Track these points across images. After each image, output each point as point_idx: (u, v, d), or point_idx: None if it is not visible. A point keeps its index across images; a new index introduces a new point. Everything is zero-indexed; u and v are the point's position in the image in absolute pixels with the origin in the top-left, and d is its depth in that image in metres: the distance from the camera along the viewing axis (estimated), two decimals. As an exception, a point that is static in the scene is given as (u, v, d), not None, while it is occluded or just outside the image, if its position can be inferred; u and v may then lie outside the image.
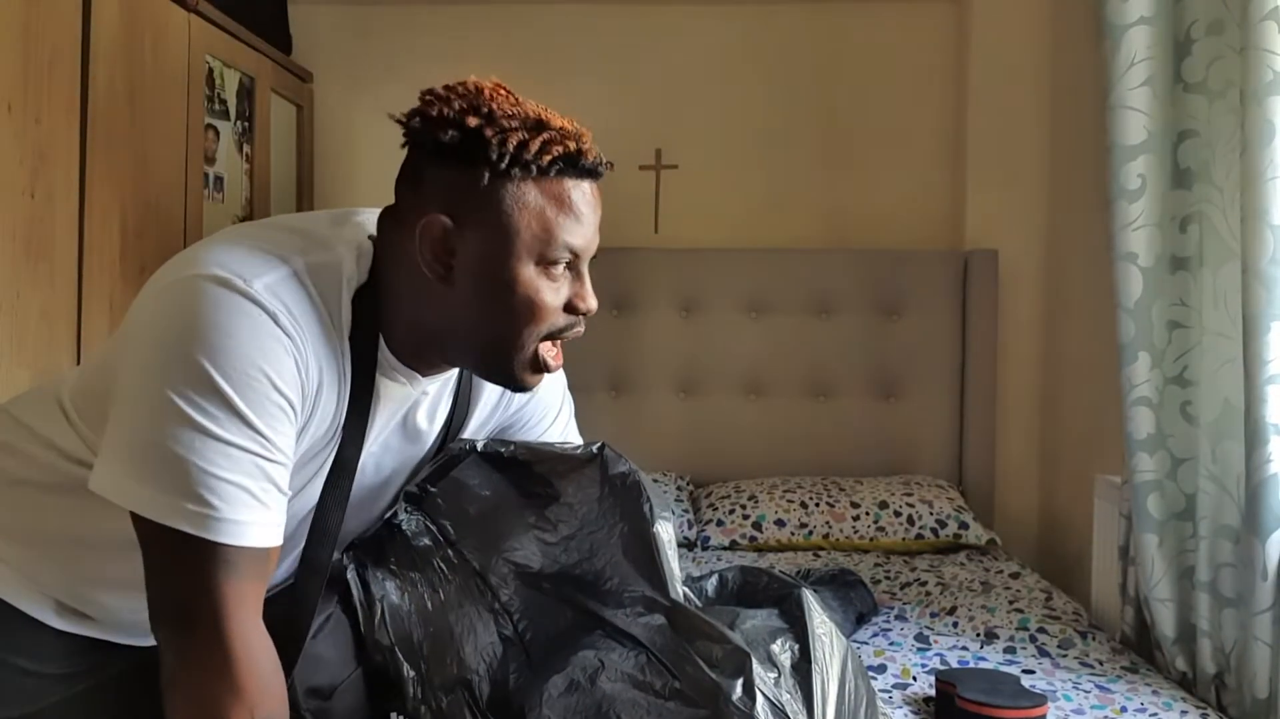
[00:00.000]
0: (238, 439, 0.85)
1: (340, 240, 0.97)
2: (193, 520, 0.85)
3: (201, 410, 0.84)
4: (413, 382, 1.03)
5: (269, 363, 0.86)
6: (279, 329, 0.87)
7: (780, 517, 2.59)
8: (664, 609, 1.04)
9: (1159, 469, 1.85)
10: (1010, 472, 2.88)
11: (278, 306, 0.87)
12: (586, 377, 2.93)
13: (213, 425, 0.84)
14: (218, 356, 0.84)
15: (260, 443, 0.86)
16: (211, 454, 0.84)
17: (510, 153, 0.93)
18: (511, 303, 0.96)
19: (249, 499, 0.86)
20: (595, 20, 3.05)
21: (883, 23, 3.01)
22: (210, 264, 0.88)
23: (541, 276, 0.96)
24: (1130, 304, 1.85)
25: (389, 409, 1.04)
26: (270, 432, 0.87)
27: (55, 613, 1.04)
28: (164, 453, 0.84)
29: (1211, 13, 1.76)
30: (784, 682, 1.00)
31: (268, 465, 0.87)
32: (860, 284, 2.89)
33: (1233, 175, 1.73)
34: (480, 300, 0.96)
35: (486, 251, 0.95)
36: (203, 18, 2.37)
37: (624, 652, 1.00)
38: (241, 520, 0.86)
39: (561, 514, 1.13)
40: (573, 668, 0.99)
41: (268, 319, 0.86)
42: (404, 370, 1.01)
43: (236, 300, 0.85)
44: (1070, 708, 1.62)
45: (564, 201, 0.96)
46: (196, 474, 0.84)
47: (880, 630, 1.96)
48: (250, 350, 0.85)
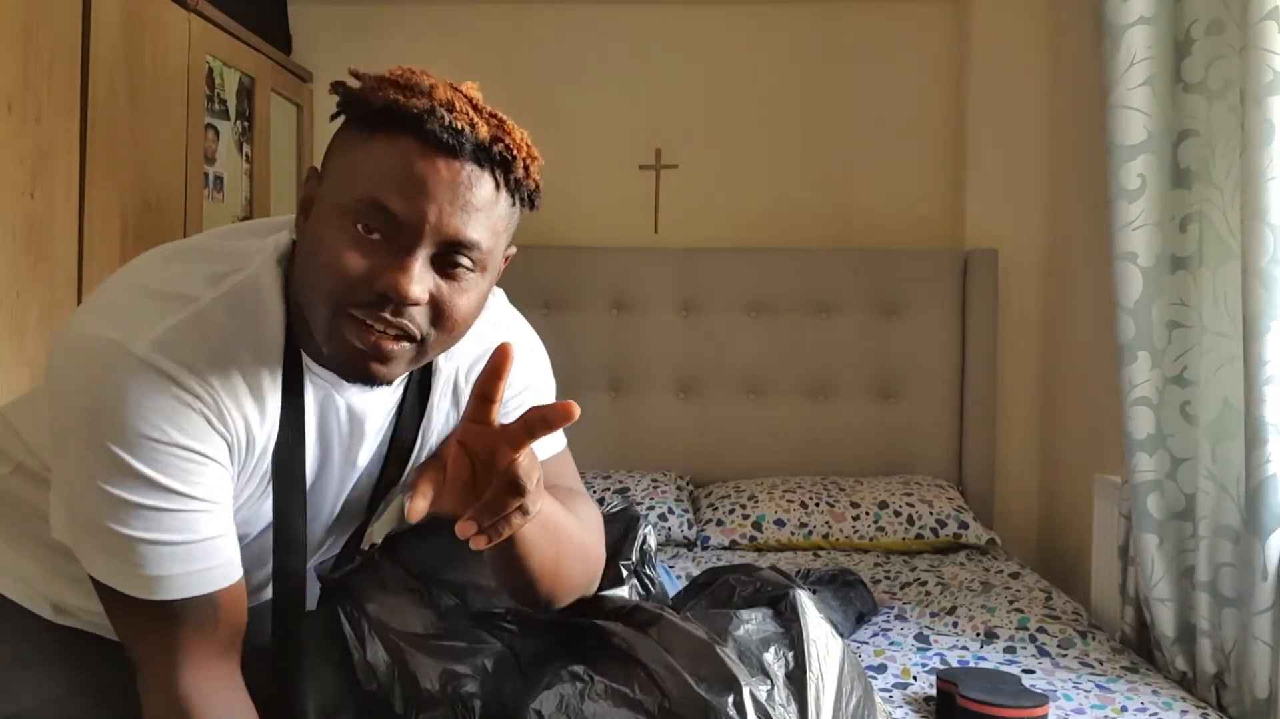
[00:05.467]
0: (155, 502, 0.85)
1: (261, 251, 0.92)
2: (122, 580, 0.87)
3: (118, 485, 0.84)
4: (340, 388, 0.96)
5: (173, 425, 0.84)
6: (177, 387, 0.84)
7: (780, 516, 2.59)
8: (653, 623, 1.03)
9: (1159, 469, 1.85)
10: (1010, 471, 2.89)
11: (170, 366, 0.84)
12: (586, 377, 2.93)
13: (130, 495, 0.84)
14: (121, 436, 0.83)
15: (179, 500, 0.86)
16: (131, 520, 0.85)
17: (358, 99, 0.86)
18: (314, 258, 0.86)
19: (172, 552, 0.86)
20: (595, 20, 3.05)
21: (883, 23, 3.01)
22: (108, 324, 0.85)
23: (346, 236, 0.84)
24: (1130, 304, 1.85)
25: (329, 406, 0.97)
26: (188, 487, 0.86)
27: (52, 611, 1.05)
28: (91, 523, 0.86)
29: (1211, 13, 1.76)
30: (777, 694, 0.99)
31: (192, 517, 0.87)
32: (860, 284, 2.90)
33: (1232, 175, 1.73)
34: (302, 255, 0.89)
35: (318, 200, 0.88)
36: (203, 18, 2.37)
37: (613, 668, 0.99)
38: (169, 574, 0.86)
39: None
40: (562, 684, 0.98)
41: (166, 381, 0.84)
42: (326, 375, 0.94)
43: (131, 370, 0.83)
44: (1070, 707, 1.62)
45: (395, 162, 0.83)
46: (119, 539, 0.85)
47: (880, 630, 1.96)
48: (153, 419, 0.83)
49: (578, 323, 2.92)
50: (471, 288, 0.88)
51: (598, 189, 3.03)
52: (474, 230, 0.85)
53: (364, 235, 0.84)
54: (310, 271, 0.87)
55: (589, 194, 3.03)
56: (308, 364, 0.94)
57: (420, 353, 0.89)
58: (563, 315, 2.91)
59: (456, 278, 0.87)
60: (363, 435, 1.00)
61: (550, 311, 2.91)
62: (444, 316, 0.87)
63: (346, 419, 0.98)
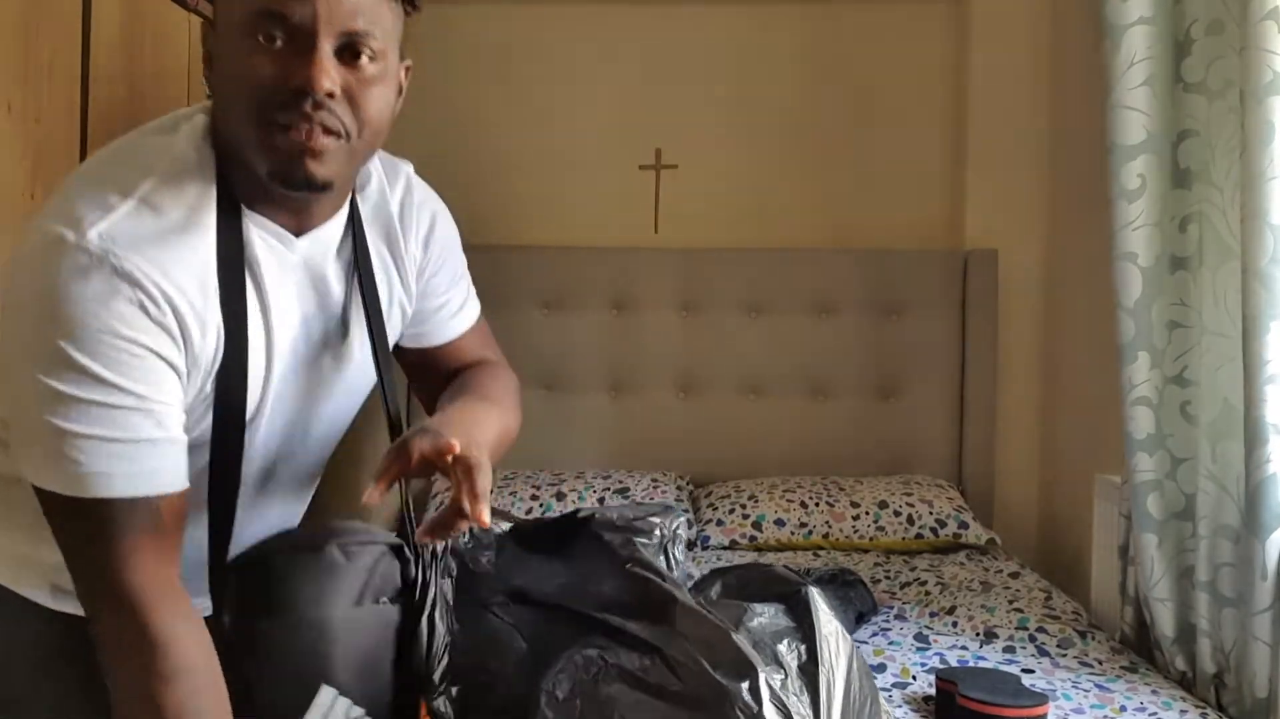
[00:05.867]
0: (95, 396, 0.87)
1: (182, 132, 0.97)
2: (62, 481, 0.88)
3: (60, 379, 0.86)
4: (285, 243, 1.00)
5: (114, 315, 0.87)
6: (117, 278, 0.88)
7: (780, 516, 2.59)
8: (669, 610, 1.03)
9: (1159, 469, 1.85)
10: (1010, 471, 2.88)
11: (113, 258, 0.88)
12: (586, 377, 2.93)
13: (70, 389, 0.87)
14: (63, 327, 0.86)
15: (119, 395, 0.88)
16: (71, 414, 0.87)
17: None
18: (230, 86, 0.93)
19: (110, 449, 0.88)
20: (595, 20, 3.05)
21: (883, 23, 3.01)
22: (55, 221, 0.89)
23: (251, 51, 0.90)
24: (1130, 304, 1.85)
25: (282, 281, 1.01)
26: (129, 382, 0.88)
27: (50, 594, 1.06)
28: (34, 424, 0.88)
29: (1211, 13, 1.76)
30: (790, 684, 0.99)
31: (132, 415, 0.89)
32: (860, 284, 2.90)
33: (1232, 175, 1.73)
34: (219, 97, 0.96)
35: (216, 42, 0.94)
36: (203, 18, 2.37)
37: (628, 653, 1.00)
38: (107, 472, 0.88)
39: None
40: (576, 669, 0.99)
41: (109, 273, 0.87)
42: (272, 229, 0.99)
43: (73, 260, 0.87)
44: (1070, 707, 1.62)
45: None
46: (59, 435, 0.87)
47: (880, 630, 1.96)
48: (94, 309, 0.87)
49: (578, 323, 2.92)
50: (376, 81, 0.94)
51: (598, 189, 3.03)
52: (363, 20, 0.92)
53: (267, 45, 0.90)
54: (230, 101, 0.93)
55: (589, 194, 3.03)
56: (259, 223, 0.98)
57: (349, 153, 0.95)
58: (563, 315, 2.91)
59: (360, 69, 0.93)
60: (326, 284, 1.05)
61: (550, 311, 2.91)
62: (359, 108, 0.93)
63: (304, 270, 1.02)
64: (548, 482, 2.74)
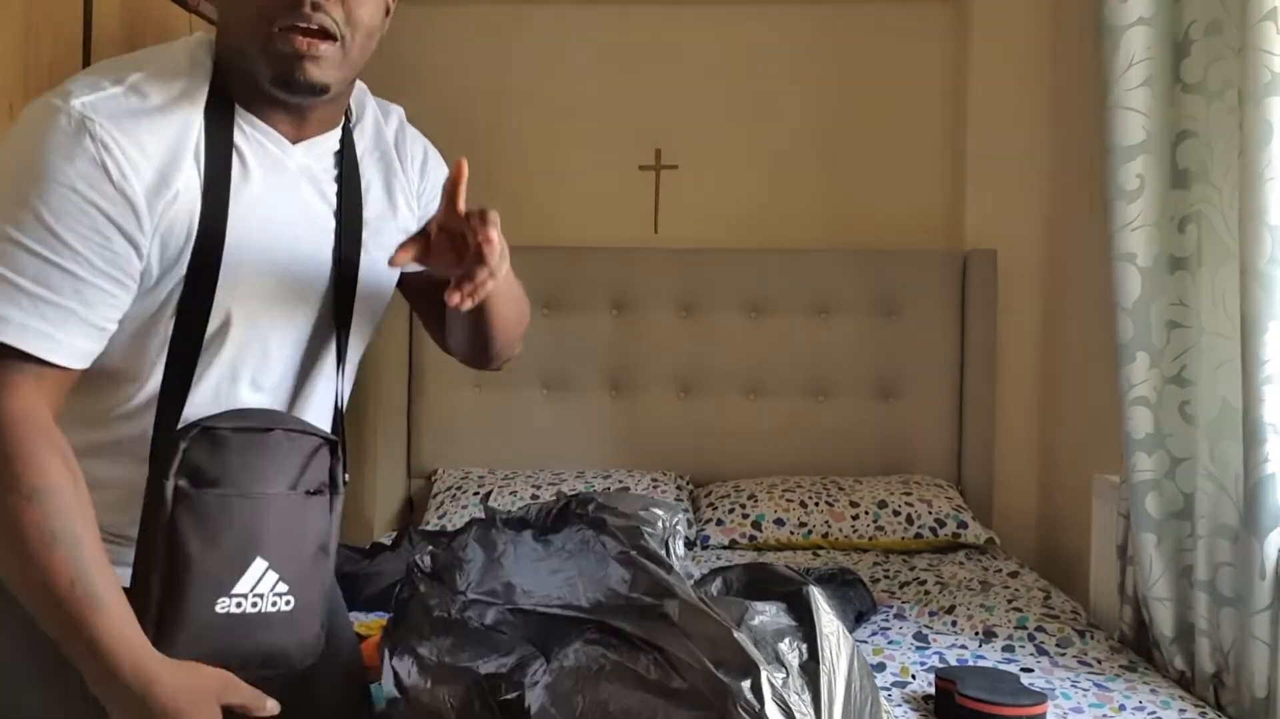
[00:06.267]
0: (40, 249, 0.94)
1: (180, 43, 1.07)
2: None
3: (15, 225, 0.94)
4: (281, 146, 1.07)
5: (77, 174, 0.94)
6: (89, 139, 0.95)
7: (780, 516, 2.60)
8: (671, 608, 1.03)
9: (1157, 468, 1.86)
10: (1009, 471, 2.89)
11: (90, 118, 0.96)
12: (586, 377, 2.94)
13: (21, 236, 0.94)
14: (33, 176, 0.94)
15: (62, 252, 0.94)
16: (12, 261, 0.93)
17: None
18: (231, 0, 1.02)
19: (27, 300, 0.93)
20: (595, 20, 3.06)
21: (883, 23, 3.01)
22: (51, 94, 0.99)
23: None
24: (1129, 304, 1.86)
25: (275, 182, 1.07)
26: (76, 239, 0.94)
27: None
28: None
29: (1210, 13, 1.77)
30: (792, 682, 1.00)
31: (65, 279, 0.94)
32: (860, 284, 2.90)
33: (1231, 175, 1.74)
34: (222, 12, 1.05)
35: None
36: (203, 18, 2.37)
37: (630, 650, 1.00)
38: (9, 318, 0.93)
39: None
40: (578, 666, 0.99)
41: (82, 133, 0.95)
42: (269, 132, 1.06)
43: (54, 120, 0.96)
44: (1069, 706, 1.62)
45: None
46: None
47: (879, 629, 1.96)
48: (60, 163, 0.94)
49: (578, 323, 2.92)
50: None
51: (598, 189, 3.03)
52: None
53: None
54: (232, 12, 1.03)
55: (589, 194, 3.03)
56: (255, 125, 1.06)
57: (343, 57, 1.03)
58: (563, 315, 2.92)
59: None
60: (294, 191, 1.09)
61: (550, 311, 2.91)
62: (350, 10, 1.02)
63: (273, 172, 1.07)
64: (548, 481, 2.74)
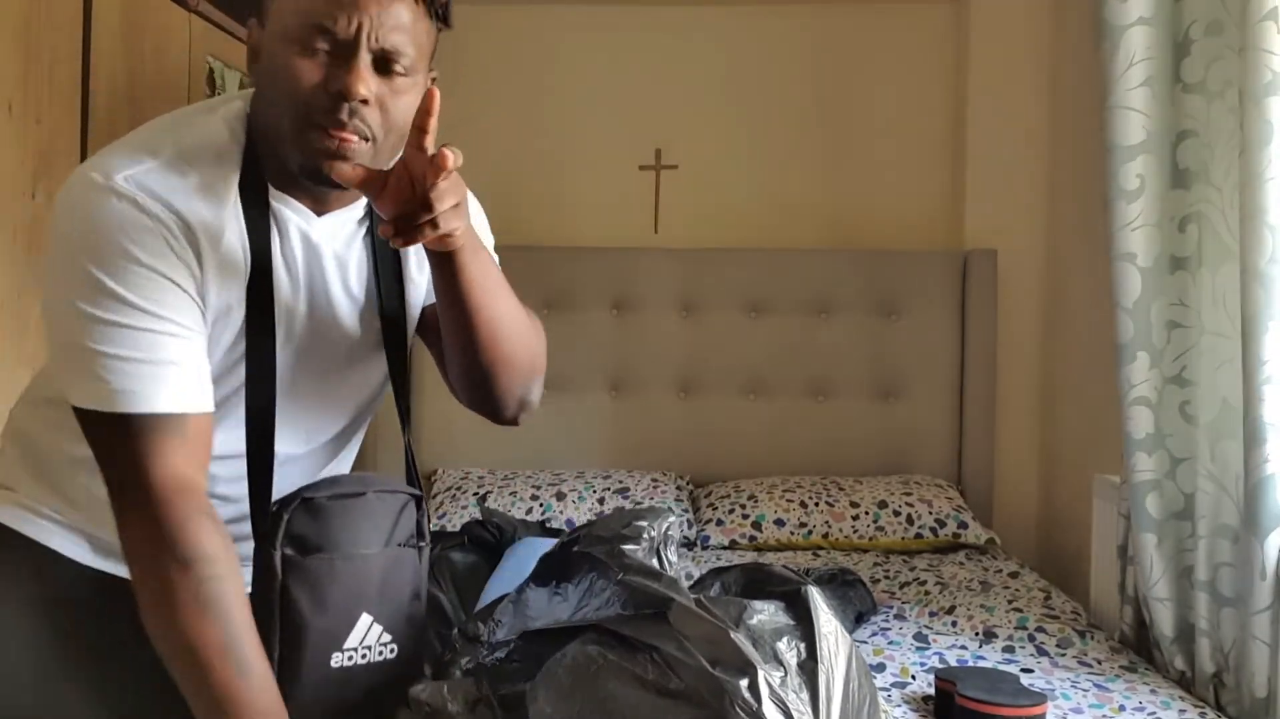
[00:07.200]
0: (119, 318, 0.96)
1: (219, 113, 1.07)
2: (97, 398, 0.97)
3: (90, 302, 0.96)
4: (306, 218, 1.08)
5: (138, 245, 0.97)
6: (139, 211, 0.98)
7: (780, 516, 2.59)
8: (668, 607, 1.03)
9: (1158, 469, 1.85)
10: (1009, 471, 2.89)
11: (140, 195, 0.98)
12: (586, 377, 2.93)
13: (99, 312, 0.96)
14: (94, 254, 0.97)
15: (144, 318, 0.97)
16: (100, 336, 0.96)
17: None
18: (274, 85, 1.02)
19: (138, 369, 0.96)
20: (596, 21, 3.06)
21: (883, 23, 3.01)
22: (91, 169, 1.00)
23: (298, 57, 0.99)
24: (1129, 304, 1.86)
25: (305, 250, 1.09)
26: (153, 305, 0.97)
27: (90, 550, 1.12)
28: (70, 347, 0.98)
29: (1210, 13, 1.77)
30: (790, 681, 1.00)
31: (158, 338, 0.97)
32: (860, 284, 2.90)
33: (1231, 175, 1.74)
34: (261, 91, 1.05)
35: (265, 42, 1.03)
36: (203, 18, 2.37)
37: (626, 651, 1.00)
38: (131, 390, 0.96)
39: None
40: (575, 666, 0.99)
41: (129, 206, 0.98)
42: (295, 206, 1.07)
43: (103, 197, 0.98)
44: (1069, 707, 1.62)
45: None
46: (91, 357, 0.96)
47: (879, 629, 1.96)
48: (116, 237, 0.97)
49: (578, 323, 2.92)
50: (406, 91, 1.04)
51: (598, 189, 3.03)
52: (400, 38, 1.02)
53: (313, 53, 0.99)
54: (272, 96, 1.02)
55: (589, 194, 3.03)
56: (283, 200, 1.07)
57: (373, 155, 1.03)
58: (563, 315, 2.92)
59: (393, 80, 1.03)
60: (320, 261, 1.10)
61: (550, 311, 2.91)
62: (388, 114, 1.02)
63: (301, 243, 1.09)
64: (548, 482, 2.74)
